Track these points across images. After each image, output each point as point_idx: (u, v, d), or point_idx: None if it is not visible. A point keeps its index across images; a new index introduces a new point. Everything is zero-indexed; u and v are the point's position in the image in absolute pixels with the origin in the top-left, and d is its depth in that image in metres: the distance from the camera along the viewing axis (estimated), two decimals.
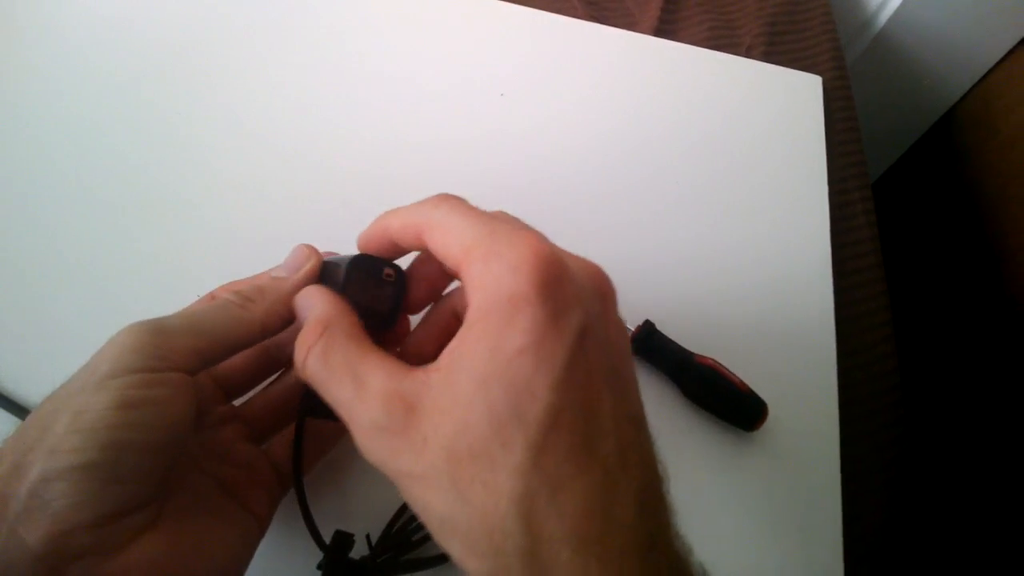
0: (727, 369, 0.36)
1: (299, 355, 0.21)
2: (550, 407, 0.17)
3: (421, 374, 0.19)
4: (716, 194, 0.46)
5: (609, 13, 0.57)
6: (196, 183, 0.41)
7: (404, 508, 0.27)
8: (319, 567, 0.25)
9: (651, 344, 0.37)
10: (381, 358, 0.21)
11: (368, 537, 0.28)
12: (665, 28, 0.56)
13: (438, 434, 0.18)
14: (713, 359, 0.36)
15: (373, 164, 0.43)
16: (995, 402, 0.59)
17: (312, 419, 0.24)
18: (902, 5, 0.66)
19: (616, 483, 0.18)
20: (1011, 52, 0.65)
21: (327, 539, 0.25)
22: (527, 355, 0.18)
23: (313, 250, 0.26)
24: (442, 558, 0.27)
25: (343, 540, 0.26)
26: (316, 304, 0.23)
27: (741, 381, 0.35)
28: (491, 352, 0.18)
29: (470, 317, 0.19)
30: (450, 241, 0.21)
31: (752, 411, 0.35)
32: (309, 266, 0.25)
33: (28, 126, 0.42)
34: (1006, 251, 0.61)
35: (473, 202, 0.22)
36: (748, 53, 0.55)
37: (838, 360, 0.40)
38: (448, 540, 0.18)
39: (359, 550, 0.27)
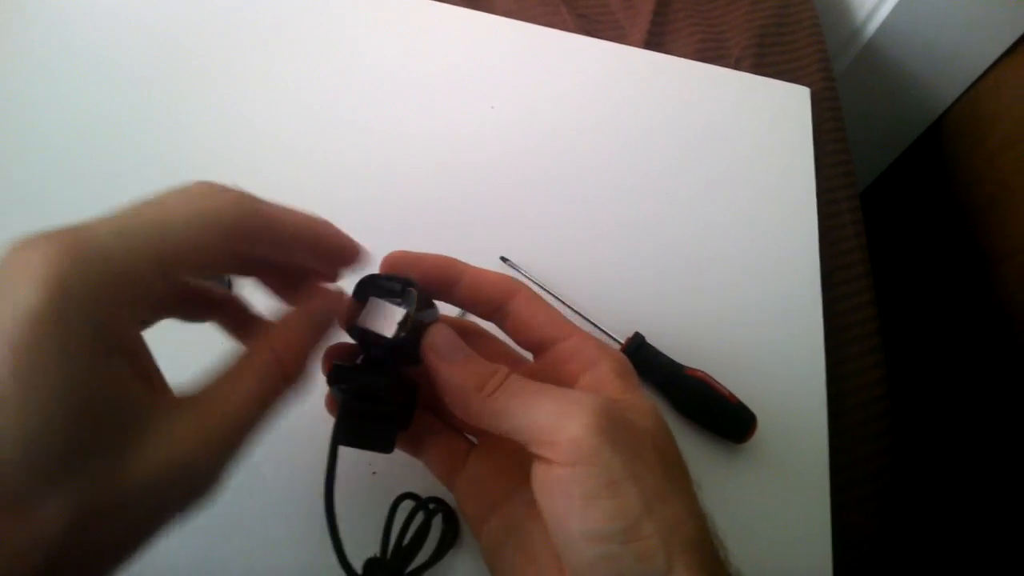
0: (717, 381, 0.36)
1: (475, 399, 0.22)
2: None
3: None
4: (705, 206, 0.46)
5: (599, 25, 0.57)
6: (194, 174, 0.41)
7: (390, 521, 0.27)
8: None
9: (641, 356, 0.37)
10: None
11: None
12: (655, 40, 0.57)
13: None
14: (703, 371, 0.36)
15: (362, 175, 0.43)
16: (984, 409, 0.59)
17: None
18: (890, 15, 0.67)
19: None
20: (998, 61, 0.65)
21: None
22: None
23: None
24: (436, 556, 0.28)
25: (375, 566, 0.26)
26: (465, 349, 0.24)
27: (731, 393, 0.36)
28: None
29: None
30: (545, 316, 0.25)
31: (742, 423, 0.35)
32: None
33: (31, 123, 0.42)
34: (994, 258, 0.61)
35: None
36: (737, 64, 0.56)
37: (827, 370, 0.40)
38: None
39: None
